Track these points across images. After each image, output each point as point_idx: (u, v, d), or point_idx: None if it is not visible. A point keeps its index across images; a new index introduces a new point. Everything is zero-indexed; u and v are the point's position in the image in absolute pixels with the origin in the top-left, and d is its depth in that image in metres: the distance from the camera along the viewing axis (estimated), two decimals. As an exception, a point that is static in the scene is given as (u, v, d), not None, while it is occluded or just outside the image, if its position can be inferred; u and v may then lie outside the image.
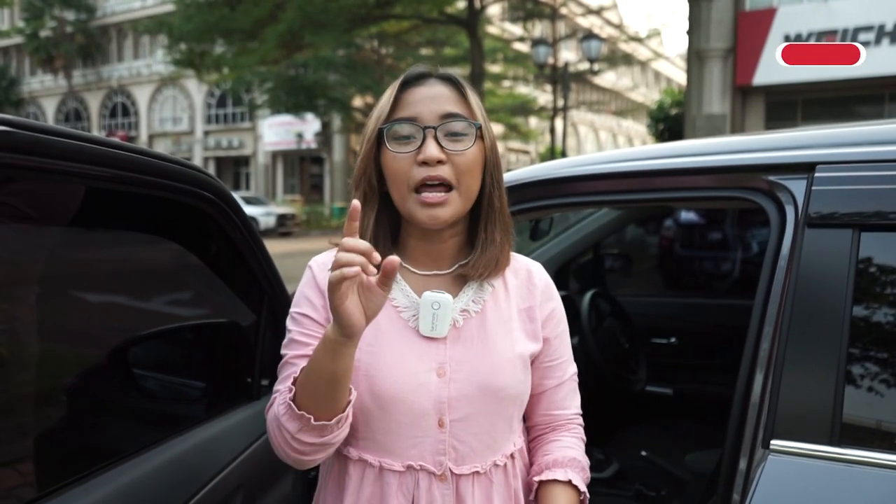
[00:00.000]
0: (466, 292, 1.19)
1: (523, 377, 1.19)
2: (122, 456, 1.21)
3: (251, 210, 23.92)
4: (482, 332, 1.17)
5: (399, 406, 1.10)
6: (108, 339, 1.35)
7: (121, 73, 38.80)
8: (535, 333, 1.22)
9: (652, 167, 1.45)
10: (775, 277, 1.33)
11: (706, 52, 14.47)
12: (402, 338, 1.14)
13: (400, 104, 1.14)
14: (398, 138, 1.12)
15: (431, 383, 1.11)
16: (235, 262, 1.52)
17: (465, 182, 1.11)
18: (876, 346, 1.22)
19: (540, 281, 1.27)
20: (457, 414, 1.12)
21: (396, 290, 1.17)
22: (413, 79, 1.16)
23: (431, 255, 1.19)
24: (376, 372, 1.11)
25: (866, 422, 1.23)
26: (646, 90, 44.77)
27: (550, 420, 1.28)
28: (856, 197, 1.26)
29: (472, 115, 1.14)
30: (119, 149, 1.06)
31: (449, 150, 1.10)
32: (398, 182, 1.12)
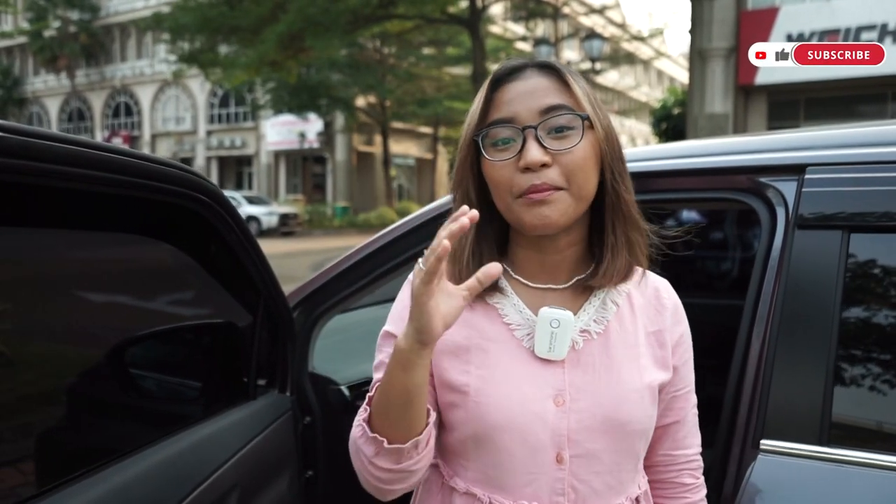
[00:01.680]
0: (587, 310, 1.07)
1: (651, 410, 1.06)
2: (117, 455, 1.22)
3: (254, 209, 23.99)
4: (605, 356, 1.04)
5: (512, 436, 0.99)
6: (104, 340, 1.36)
7: (124, 73, 38.86)
8: (664, 361, 1.09)
9: (642, 169, 1.46)
10: (766, 278, 1.34)
11: (708, 51, 14.45)
12: (514, 359, 1.03)
13: (494, 104, 1.02)
14: (495, 143, 1.00)
15: (548, 412, 1.00)
16: (231, 263, 1.54)
17: (576, 182, 0.97)
18: (864, 346, 1.23)
19: (669, 301, 1.13)
20: (578, 449, 1.00)
21: (508, 305, 1.06)
22: (506, 74, 1.03)
23: (546, 267, 1.07)
24: (486, 398, 1.00)
25: (855, 422, 1.23)
26: (648, 89, 44.74)
27: (670, 461, 1.15)
28: (845, 199, 1.26)
29: (577, 105, 0.99)
30: (111, 152, 1.07)
31: (554, 149, 0.97)
32: (501, 192, 1.00)
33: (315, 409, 1.99)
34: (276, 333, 1.77)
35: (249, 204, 24.47)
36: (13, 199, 1.00)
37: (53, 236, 1.20)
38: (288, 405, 1.79)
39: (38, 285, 1.19)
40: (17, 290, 1.15)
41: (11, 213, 1.04)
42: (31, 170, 0.94)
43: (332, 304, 1.96)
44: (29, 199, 1.05)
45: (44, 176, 0.97)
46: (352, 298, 1.96)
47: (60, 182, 1.02)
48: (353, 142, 31.13)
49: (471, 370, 1.02)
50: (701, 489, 1.17)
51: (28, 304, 1.18)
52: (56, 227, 1.19)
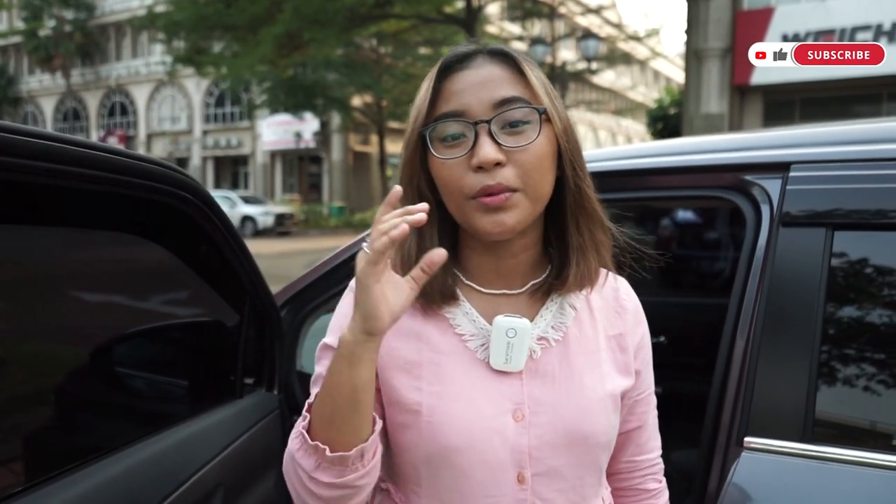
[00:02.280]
0: (545, 316, 0.99)
1: (615, 420, 1.00)
2: (100, 453, 1.22)
3: (250, 209, 23.97)
4: (565, 365, 0.97)
5: (469, 457, 0.91)
6: (89, 338, 1.35)
7: (119, 73, 38.78)
8: (626, 366, 1.03)
9: (629, 167, 1.46)
10: (750, 276, 1.34)
11: (704, 51, 14.48)
12: (468, 373, 0.95)
13: (443, 95, 0.93)
14: (444, 139, 0.91)
15: (508, 429, 0.93)
16: (216, 261, 1.53)
17: (532, 181, 0.90)
18: (847, 344, 1.23)
19: (629, 302, 1.07)
20: (540, 467, 0.93)
21: (459, 314, 0.98)
22: (455, 61, 0.94)
23: (501, 272, 0.99)
24: (440, 416, 0.92)
25: (838, 419, 1.23)
26: (645, 89, 44.79)
27: (634, 467, 1.11)
28: (829, 196, 1.27)
29: (534, 97, 0.92)
30: (93, 149, 1.06)
31: (508, 146, 0.89)
32: (451, 192, 0.92)
33: (303, 408, 1.98)
34: (264, 332, 1.77)
35: (245, 204, 24.44)
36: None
37: (37, 234, 1.19)
38: (275, 404, 1.79)
39: (23, 284, 1.19)
40: (2, 289, 1.15)
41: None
42: (11, 166, 0.93)
43: (320, 302, 1.96)
44: (10, 197, 1.05)
45: (24, 172, 0.97)
46: (340, 297, 1.96)
47: (43, 179, 1.01)
48: (350, 141, 31.11)
49: (423, 387, 0.94)
50: (664, 492, 1.14)
51: (13, 303, 1.18)
52: (40, 225, 1.19)
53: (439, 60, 0.96)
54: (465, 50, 0.95)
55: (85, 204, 1.19)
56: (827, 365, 1.22)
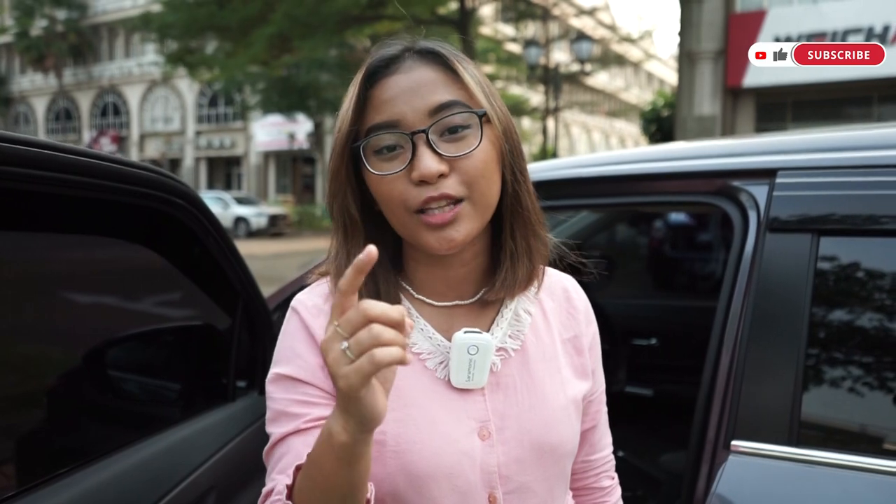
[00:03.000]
0: (500, 325, 0.95)
1: (578, 426, 0.96)
2: (93, 457, 1.23)
3: (243, 210, 23.92)
4: (526, 375, 0.93)
5: (440, 484, 0.85)
6: (83, 342, 1.36)
7: (112, 73, 38.67)
8: (583, 368, 1.00)
9: (618, 172, 1.47)
10: (738, 280, 1.35)
11: (697, 53, 14.54)
12: (429, 394, 0.89)
13: (372, 104, 0.86)
14: (379, 152, 0.85)
15: (475, 449, 0.87)
16: (208, 265, 1.54)
17: (478, 189, 0.85)
18: (833, 348, 1.25)
19: (580, 301, 1.03)
20: (510, 485, 0.89)
21: (415, 331, 0.91)
22: (383, 66, 0.86)
23: (451, 282, 0.93)
24: (408, 445, 0.85)
25: (824, 423, 1.25)
26: (639, 91, 44.92)
27: (588, 467, 1.09)
28: (815, 202, 1.28)
29: (471, 99, 0.86)
30: (85, 156, 1.07)
31: (450, 155, 0.83)
32: (393, 207, 0.85)
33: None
34: (256, 335, 1.78)
35: (239, 205, 24.39)
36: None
37: (32, 240, 1.20)
38: (268, 407, 1.79)
39: (17, 288, 1.20)
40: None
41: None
42: (8, 175, 0.94)
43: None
44: (7, 203, 1.05)
45: (20, 180, 0.98)
46: (333, 300, 1.97)
47: (39, 186, 1.02)
48: (343, 143, 31.05)
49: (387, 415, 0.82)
50: (617, 489, 1.13)
51: (6, 307, 1.18)
52: (35, 231, 1.19)
53: (363, 64, 0.89)
54: (392, 52, 0.88)
55: (80, 210, 1.20)
56: (813, 369, 1.23)
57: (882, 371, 1.22)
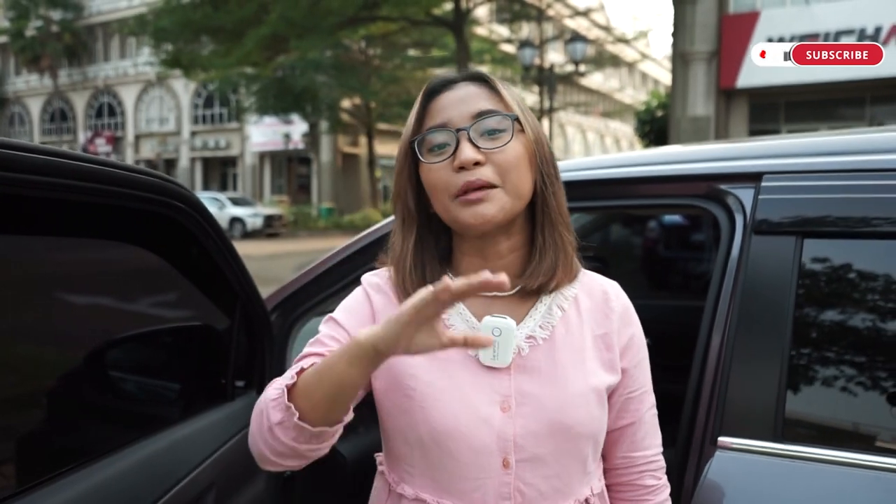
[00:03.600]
0: (533, 316, 1.08)
1: (598, 413, 1.06)
2: (95, 455, 1.25)
3: (238, 211, 23.91)
4: (551, 361, 1.05)
5: (459, 443, 1.00)
6: (84, 343, 1.39)
7: (107, 73, 38.60)
8: (612, 364, 1.10)
9: (609, 176, 1.51)
10: (725, 281, 1.39)
11: (690, 54, 14.60)
12: (460, 367, 1.04)
13: (429, 114, 1.06)
14: (431, 149, 1.04)
15: (495, 418, 1.01)
16: (208, 267, 1.57)
17: (510, 179, 1.01)
18: (816, 347, 1.29)
19: (618, 303, 1.14)
20: (523, 454, 1.01)
21: (454, 313, 1.07)
22: (440, 86, 1.08)
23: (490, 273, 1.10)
24: (433, 404, 1.01)
25: (808, 419, 1.29)
26: (633, 92, 45.02)
27: (629, 463, 1.15)
28: (799, 205, 1.32)
29: (507, 110, 1.04)
30: (88, 162, 1.10)
31: (486, 148, 1.01)
32: (439, 193, 1.03)
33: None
34: (254, 336, 1.81)
35: (234, 205, 24.38)
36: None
37: (33, 243, 1.23)
38: (266, 406, 1.82)
39: (19, 290, 1.22)
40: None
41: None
42: (8, 180, 0.97)
43: (310, 306, 2.00)
44: (7, 208, 1.08)
45: (23, 186, 1.00)
46: (330, 301, 2.00)
47: (44, 192, 1.05)
48: (338, 143, 31.09)
49: (418, 374, 1.03)
50: (664, 490, 1.18)
51: (8, 308, 1.21)
52: (36, 235, 1.22)
53: (425, 86, 1.10)
54: (449, 77, 1.09)
55: (82, 214, 1.22)
56: (797, 367, 1.27)
57: (863, 369, 1.26)
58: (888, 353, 1.25)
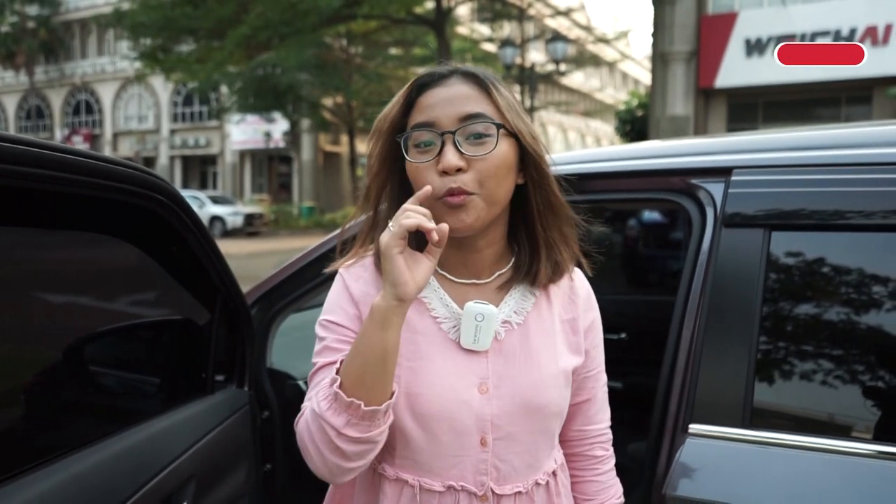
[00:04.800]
0: (508, 302, 1.14)
1: (566, 392, 1.14)
2: (70, 447, 1.25)
3: (218, 209, 23.73)
4: (525, 345, 1.12)
5: (441, 424, 1.05)
6: (63, 336, 1.39)
7: (84, 70, 38.11)
8: (577, 346, 1.18)
9: (581, 171, 1.53)
10: (696, 274, 1.42)
11: (670, 54, 14.73)
12: (442, 350, 1.09)
13: (418, 107, 1.07)
14: (417, 145, 1.05)
15: (474, 400, 1.07)
16: (188, 261, 1.58)
17: (487, 186, 1.03)
18: (783, 337, 1.32)
19: (582, 289, 1.21)
20: (499, 432, 1.08)
21: (435, 299, 1.12)
22: (432, 80, 1.08)
23: (468, 264, 1.13)
24: (417, 388, 1.06)
25: (774, 406, 1.32)
26: (614, 91, 45.28)
27: (583, 436, 1.26)
28: (767, 199, 1.35)
29: (497, 114, 1.05)
30: (67, 153, 1.11)
31: (470, 155, 1.02)
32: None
33: (273, 404, 2.03)
34: (235, 330, 1.82)
35: (214, 204, 24.21)
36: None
37: (11, 235, 1.23)
38: (246, 400, 1.83)
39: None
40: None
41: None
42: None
43: (289, 301, 2.01)
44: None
45: (1, 177, 1.01)
46: (309, 295, 2.01)
47: (21, 182, 1.06)
48: (320, 141, 30.98)
49: (401, 362, 1.06)
50: (610, 459, 1.29)
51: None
52: (15, 226, 1.22)
53: (416, 76, 1.10)
54: (442, 70, 1.09)
55: (60, 206, 1.23)
56: (765, 357, 1.30)
57: (828, 359, 1.30)
58: (852, 344, 1.29)
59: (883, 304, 1.24)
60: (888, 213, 1.24)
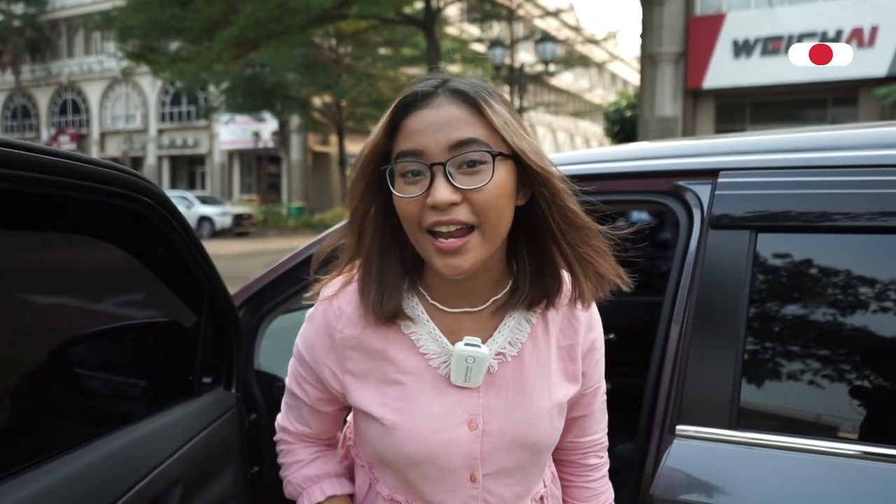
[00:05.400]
0: (502, 332, 1.06)
1: (559, 424, 1.10)
2: (56, 451, 1.24)
3: (207, 210, 23.62)
4: (518, 378, 1.06)
5: (428, 465, 1.03)
6: (49, 339, 1.38)
7: (71, 70, 37.85)
8: (574, 374, 1.12)
9: (566, 173, 1.53)
10: (683, 275, 1.43)
11: (658, 55, 14.79)
12: (430, 388, 1.03)
13: (403, 133, 0.95)
14: (404, 175, 0.94)
15: (462, 438, 1.03)
16: (175, 263, 1.56)
17: (488, 220, 0.93)
18: (769, 338, 1.33)
19: (583, 311, 1.12)
20: (489, 468, 1.05)
21: (424, 333, 1.04)
22: (416, 100, 0.95)
23: (462, 292, 1.04)
24: (403, 432, 1.02)
25: (761, 408, 1.33)
26: (603, 92, 45.41)
27: (576, 447, 1.23)
28: (753, 200, 1.36)
29: (491, 137, 0.93)
30: (52, 155, 1.10)
31: (464, 187, 0.91)
32: (409, 224, 0.96)
33: (261, 407, 2.02)
34: (222, 332, 1.80)
35: (202, 204, 24.09)
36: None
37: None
38: (233, 402, 1.82)
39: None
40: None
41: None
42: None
43: (277, 302, 2.00)
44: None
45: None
46: (297, 297, 2.00)
47: (4, 185, 1.04)
48: (309, 141, 30.90)
49: (388, 403, 1.04)
50: (604, 466, 1.27)
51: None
52: None
53: (399, 96, 0.98)
54: (425, 88, 0.96)
55: (42, 208, 1.22)
56: (751, 358, 1.31)
57: (815, 360, 1.30)
58: (839, 345, 1.29)
59: (869, 305, 1.25)
60: (874, 215, 1.25)
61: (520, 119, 0.99)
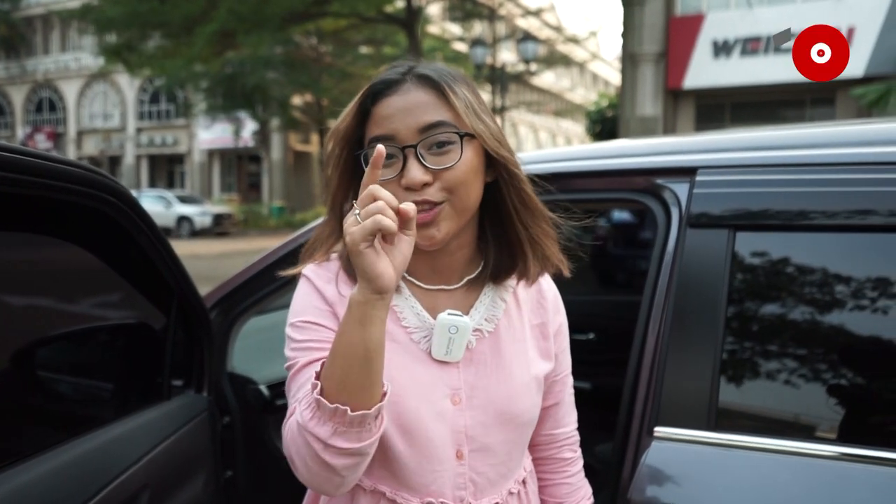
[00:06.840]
0: (479, 309, 1.11)
1: (538, 399, 1.14)
2: (16, 458, 1.20)
3: (187, 209, 23.41)
4: (496, 353, 1.10)
5: (421, 434, 1.03)
6: (12, 341, 1.33)
7: (47, 67, 37.32)
8: (548, 351, 1.17)
9: (547, 171, 1.51)
10: (661, 274, 1.41)
11: (639, 55, 14.86)
12: (413, 362, 1.06)
13: (374, 119, 1.01)
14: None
15: (448, 411, 1.05)
16: (141, 263, 1.52)
17: (457, 194, 0.99)
18: (748, 338, 1.31)
19: (550, 293, 1.20)
20: (475, 444, 1.06)
21: (406, 308, 1.08)
22: (384, 87, 1.02)
23: (437, 269, 1.10)
24: (396, 400, 1.00)
25: (739, 409, 1.31)
26: (584, 91, 45.60)
27: (551, 440, 1.25)
28: (731, 199, 1.34)
29: (457, 119, 1.00)
30: (13, 153, 1.06)
31: (434, 167, 0.98)
32: None
33: (234, 409, 1.98)
34: (192, 334, 1.77)
35: (182, 203, 23.87)
36: None
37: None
38: (204, 405, 1.78)
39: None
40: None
41: None
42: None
43: (250, 303, 1.96)
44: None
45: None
46: (270, 298, 1.97)
47: None
48: (290, 141, 30.73)
49: None
50: (579, 461, 1.29)
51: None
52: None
53: (368, 84, 1.04)
54: (393, 76, 1.02)
55: (8, 207, 1.17)
56: (730, 358, 1.29)
57: (794, 361, 1.29)
58: (817, 345, 1.28)
59: (847, 304, 1.24)
60: (852, 213, 1.24)
61: (483, 103, 1.05)
